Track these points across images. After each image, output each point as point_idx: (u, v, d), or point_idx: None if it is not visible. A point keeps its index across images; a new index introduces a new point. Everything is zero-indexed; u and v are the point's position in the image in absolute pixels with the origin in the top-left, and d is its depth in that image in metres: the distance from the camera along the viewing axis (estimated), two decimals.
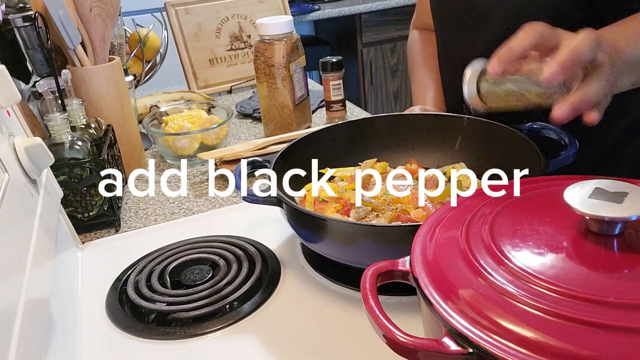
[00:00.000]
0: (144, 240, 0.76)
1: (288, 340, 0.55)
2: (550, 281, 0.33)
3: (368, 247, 0.56)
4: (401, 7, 2.89)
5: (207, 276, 0.65)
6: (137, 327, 0.59)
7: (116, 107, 0.93)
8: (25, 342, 0.42)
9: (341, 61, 1.12)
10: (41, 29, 0.85)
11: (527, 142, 0.65)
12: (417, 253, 0.40)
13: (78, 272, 0.71)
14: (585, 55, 0.48)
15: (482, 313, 0.32)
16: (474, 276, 0.35)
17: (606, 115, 0.74)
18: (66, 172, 0.76)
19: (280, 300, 0.61)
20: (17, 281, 0.45)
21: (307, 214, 0.60)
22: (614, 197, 0.36)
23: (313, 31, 3.38)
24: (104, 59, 0.93)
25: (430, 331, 0.37)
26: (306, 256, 0.68)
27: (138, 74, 1.19)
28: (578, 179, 0.39)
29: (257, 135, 1.14)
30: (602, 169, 0.77)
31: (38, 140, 0.59)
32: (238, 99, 1.36)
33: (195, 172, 0.99)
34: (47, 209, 0.61)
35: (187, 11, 1.36)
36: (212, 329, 0.57)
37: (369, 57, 2.94)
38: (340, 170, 0.77)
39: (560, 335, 0.30)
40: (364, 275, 0.40)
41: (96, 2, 0.90)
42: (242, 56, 1.42)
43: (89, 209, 0.79)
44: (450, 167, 0.74)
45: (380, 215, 0.64)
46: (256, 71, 1.06)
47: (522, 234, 0.38)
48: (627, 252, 0.35)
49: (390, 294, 0.58)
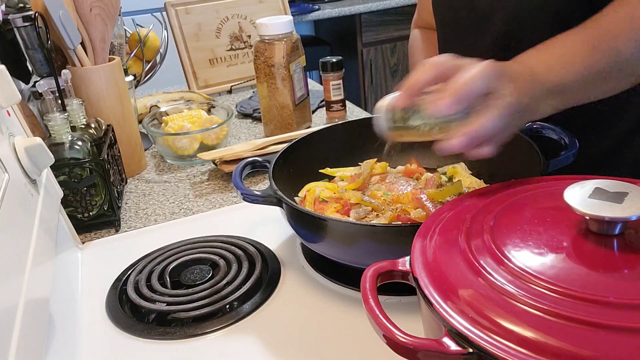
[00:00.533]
0: (144, 240, 0.76)
1: (288, 340, 0.55)
2: (550, 281, 0.33)
3: (368, 247, 0.56)
4: (401, 7, 2.89)
5: (207, 276, 0.65)
6: (137, 327, 0.59)
7: (116, 107, 0.93)
8: (25, 342, 0.42)
9: (341, 61, 1.12)
10: (41, 29, 0.85)
11: (527, 142, 0.65)
12: (417, 253, 0.40)
13: (78, 272, 0.71)
14: (478, 87, 0.48)
15: (482, 313, 0.32)
16: (474, 276, 0.35)
17: (606, 116, 0.75)
18: (66, 172, 0.76)
19: (280, 300, 0.61)
20: (17, 281, 0.45)
21: (307, 214, 0.60)
22: (614, 197, 0.36)
23: (313, 31, 3.38)
24: (104, 59, 0.93)
25: (430, 331, 0.37)
26: (306, 256, 0.68)
27: (138, 74, 1.19)
28: (578, 179, 0.39)
29: (257, 135, 1.14)
30: (602, 169, 0.77)
31: (38, 140, 0.59)
32: (238, 99, 1.36)
33: (195, 172, 0.99)
34: (47, 209, 0.61)
35: (187, 11, 1.36)
36: (212, 329, 0.57)
37: (369, 57, 2.94)
38: (340, 170, 0.77)
39: (560, 335, 0.30)
40: (364, 275, 0.40)
41: (96, 2, 0.90)
42: (242, 56, 1.42)
43: (89, 209, 0.79)
44: (450, 167, 0.74)
45: (380, 215, 0.64)
46: (256, 71, 1.06)
47: (522, 234, 0.38)
48: (627, 252, 0.35)
49: (390, 294, 0.58)
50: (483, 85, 0.48)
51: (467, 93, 0.48)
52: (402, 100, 0.52)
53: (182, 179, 0.96)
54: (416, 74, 0.51)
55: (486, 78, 0.48)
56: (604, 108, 0.74)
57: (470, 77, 0.48)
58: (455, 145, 0.49)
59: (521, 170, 0.61)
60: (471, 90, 0.48)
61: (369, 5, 2.82)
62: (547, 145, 0.63)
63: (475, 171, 0.73)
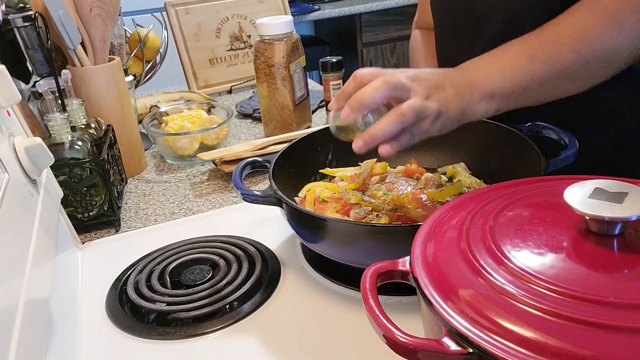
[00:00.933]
0: (144, 240, 0.76)
1: (288, 340, 0.55)
2: (550, 281, 0.33)
3: (368, 247, 0.56)
4: (401, 7, 2.89)
5: (207, 276, 0.65)
6: (137, 327, 0.59)
7: (116, 107, 0.93)
8: (25, 342, 0.42)
9: (341, 61, 1.12)
10: (41, 29, 0.85)
11: (527, 142, 0.65)
12: (417, 253, 0.40)
13: (78, 272, 0.71)
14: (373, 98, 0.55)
15: (482, 313, 0.32)
16: (474, 276, 0.35)
17: (606, 116, 0.75)
18: (66, 172, 0.76)
19: (280, 300, 0.61)
20: (17, 281, 0.45)
21: (307, 214, 0.60)
22: (614, 197, 0.36)
23: (313, 31, 3.38)
24: (104, 59, 0.93)
25: (430, 331, 0.37)
26: (306, 256, 0.68)
27: (138, 74, 1.19)
28: (578, 179, 0.39)
29: (257, 135, 1.14)
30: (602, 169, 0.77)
31: (38, 140, 0.59)
32: (238, 99, 1.36)
33: (195, 172, 0.99)
34: (47, 209, 0.61)
35: (187, 11, 1.36)
36: (212, 329, 0.57)
37: (369, 57, 2.94)
38: (340, 170, 0.77)
39: (560, 335, 0.30)
40: (364, 275, 0.40)
41: (96, 2, 0.90)
42: (242, 56, 1.42)
43: (89, 209, 0.79)
44: (450, 167, 0.74)
45: (380, 215, 0.64)
46: (256, 71, 1.06)
47: (522, 234, 0.38)
48: (627, 252, 0.35)
49: (390, 294, 0.58)
50: (380, 96, 0.55)
51: (362, 103, 0.55)
52: (334, 105, 0.59)
53: (182, 179, 0.96)
54: (346, 85, 0.59)
55: (382, 90, 0.55)
56: (604, 108, 0.74)
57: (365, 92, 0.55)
58: (355, 146, 0.57)
59: (521, 170, 0.61)
60: (365, 102, 0.55)
61: (369, 5, 2.82)
62: (547, 145, 0.63)
63: (475, 171, 0.73)
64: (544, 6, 0.67)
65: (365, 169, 0.73)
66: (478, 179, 0.70)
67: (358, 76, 0.58)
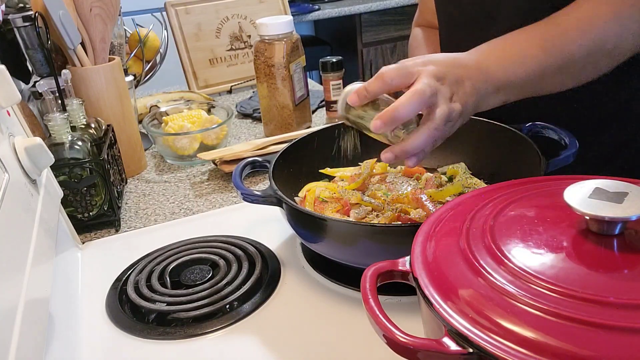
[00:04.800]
0: (144, 240, 0.76)
1: (288, 340, 0.55)
2: (550, 281, 0.33)
3: (368, 247, 0.56)
4: (401, 7, 2.89)
5: (207, 276, 0.65)
6: (137, 327, 0.59)
7: (116, 107, 0.93)
8: (25, 342, 0.42)
9: (341, 61, 1.12)
10: (41, 29, 0.85)
11: (527, 142, 0.65)
12: (417, 253, 0.40)
13: (78, 272, 0.71)
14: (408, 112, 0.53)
15: (482, 313, 0.32)
16: (474, 276, 0.35)
17: (607, 116, 0.75)
18: (66, 172, 0.76)
19: (280, 300, 0.61)
20: (17, 281, 0.45)
21: (307, 214, 0.60)
22: (614, 197, 0.36)
23: (313, 31, 3.38)
24: (104, 59, 0.93)
25: (430, 331, 0.37)
26: (306, 256, 0.68)
27: (138, 74, 1.19)
28: (578, 179, 0.39)
29: (257, 135, 1.14)
30: (603, 169, 0.77)
31: (38, 140, 0.59)
32: (238, 99, 1.36)
33: (195, 172, 0.99)
34: (47, 209, 0.61)
35: (187, 11, 1.36)
36: (212, 329, 0.57)
37: (369, 57, 2.94)
38: (340, 170, 0.77)
39: (560, 335, 0.30)
40: (364, 275, 0.40)
41: (96, 2, 0.90)
42: (242, 56, 1.42)
43: (89, 209, 0.79)
44: (450, 167, 0.74)
45: (380, 215, 0.64)
46: (256, 71, 1.06)
47: (522, 234, 0.38)
48: (627, 252, 0.35)
49: (390, 294, 0.58)
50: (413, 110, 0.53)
51: (396, 119, 0.53)
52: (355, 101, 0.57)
53: (182, 179, 0.96)
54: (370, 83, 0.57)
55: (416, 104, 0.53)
56: (604, 108, 0.74)
57: (401, 103, 0.53)
58: (383, 159, 0.56)
59: (521, 170, 0.61)
60: (399, 117, 0.53)
61: (369, 5, 2.82)
62: (547, 145, 0.63)
63: (475, 171, 0.73)
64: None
65: (365, 169, 0.73)
66: (478, 179, 0.70)
67: (385, 77, 0.56)
